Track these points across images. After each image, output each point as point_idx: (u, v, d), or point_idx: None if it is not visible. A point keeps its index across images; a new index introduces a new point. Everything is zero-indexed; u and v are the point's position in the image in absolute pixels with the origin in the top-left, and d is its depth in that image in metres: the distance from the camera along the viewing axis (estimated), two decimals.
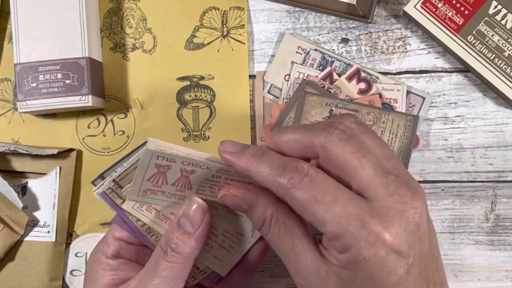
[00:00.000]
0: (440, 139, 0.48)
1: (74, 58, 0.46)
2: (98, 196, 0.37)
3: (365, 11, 0.47)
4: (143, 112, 0.49)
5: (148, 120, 0.49)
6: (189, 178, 0.35)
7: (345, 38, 0.49)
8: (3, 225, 0.45)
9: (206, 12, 0.49)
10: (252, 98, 0.49)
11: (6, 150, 0.45)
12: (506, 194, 0.47)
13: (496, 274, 0.47)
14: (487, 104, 0.48)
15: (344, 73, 0.47)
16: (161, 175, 0.35)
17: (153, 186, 0.35)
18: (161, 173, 0.35)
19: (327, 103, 0.45)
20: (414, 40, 0.48)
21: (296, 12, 0.49)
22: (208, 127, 0.49)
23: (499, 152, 0.47)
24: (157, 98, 0.49)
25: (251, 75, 0.49)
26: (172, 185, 0.36)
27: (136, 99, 0.49)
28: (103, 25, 0.50)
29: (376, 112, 0.45)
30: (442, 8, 0.46)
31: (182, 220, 0.35)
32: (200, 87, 0.49)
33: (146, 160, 0.33)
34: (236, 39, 0.49)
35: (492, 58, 0.45)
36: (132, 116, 0.49)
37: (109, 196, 0.37)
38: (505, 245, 0.47)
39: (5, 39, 0.50)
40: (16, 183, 0.48)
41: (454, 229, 0.47)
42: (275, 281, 0.47)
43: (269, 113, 0.48)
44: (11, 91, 0.49)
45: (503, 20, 0.45)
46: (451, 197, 0.47)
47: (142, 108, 0.49)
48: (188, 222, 0.35)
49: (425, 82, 0.48)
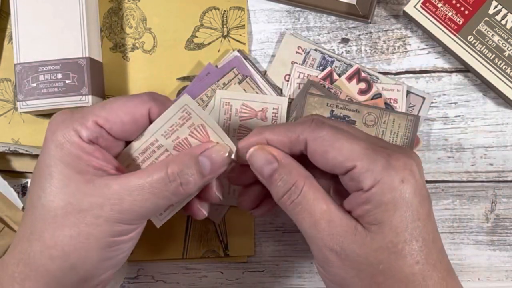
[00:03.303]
0: (440, 139, 0.48)
1: (74, 58, 0.46)
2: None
3: (365, 11, 0.47)
4: None
5: None
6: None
7: (345, 38, 0.49)
8: (3, 225, 0.45)
9: (206, 12, 0.49)
10: None
11: (6, 150, 0.45)
12: (506, 194, 0.47)
13: (496, 274, 0.47)
14: (487, 104, 0.48)
15: (344, 73, 0.47)
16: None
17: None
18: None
19: (328, 104, 0.45)
20: (414, 40, 0.48)
21: (296, 12, 0.49)
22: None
23: (499, 152, 0.47)
24: None
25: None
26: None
27: None
28: (103, 25, 0.50)
29: (377, 112, 0.45)
30: (442, 8, 0.46)
31: (203, 160, 0.35)
32: None
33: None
34: (236, 39, 0.49)
35: (492, 58, 0.45)
36: None
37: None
38: (505, 245, 0.47)
39: (5, 39, 0.50)
40: (16, 183, 0.48)
41: (454, 229, 0.47)
42: (275, 281, 0.47)
43: None
44: (11, 91, 0.49)
45: (503, 20, 0.45)
46: (451, 197, 0.47)
47: None
48: (209, 165, 0.35)
49: (425, 82, 0.48)
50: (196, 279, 0.48)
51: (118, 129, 0.35)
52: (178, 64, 0.49)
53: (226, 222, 0.47)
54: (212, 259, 0.47)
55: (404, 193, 0.32)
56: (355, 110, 0.45)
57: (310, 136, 0.34)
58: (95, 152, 0.34)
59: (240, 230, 0.47)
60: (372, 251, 0.32)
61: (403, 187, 0.32)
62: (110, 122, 0.35)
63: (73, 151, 0.34)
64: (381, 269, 0.32)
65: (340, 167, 0.33)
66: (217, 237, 0.47)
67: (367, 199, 0.32)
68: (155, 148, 0.37)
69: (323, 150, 0.33)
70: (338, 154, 0.33)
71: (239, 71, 0.47)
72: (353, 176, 0.33)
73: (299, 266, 0.47)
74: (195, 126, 0.36)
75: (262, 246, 0.47)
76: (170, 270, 0.48)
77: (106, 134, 0.35)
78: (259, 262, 0.47)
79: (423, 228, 0.32)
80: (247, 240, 0.47)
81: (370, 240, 0.32)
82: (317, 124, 0.34)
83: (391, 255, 0.32)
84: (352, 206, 0.33)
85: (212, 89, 0.47)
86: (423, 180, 0.33)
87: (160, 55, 0.49)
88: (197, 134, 0.36)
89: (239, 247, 0.47)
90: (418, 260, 0.32)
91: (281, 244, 0.47)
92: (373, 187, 0.32)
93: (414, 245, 0.32)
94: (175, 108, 0.36)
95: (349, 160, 0.33)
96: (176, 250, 0.47)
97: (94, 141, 0.35)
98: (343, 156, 0.33)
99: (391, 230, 0.32)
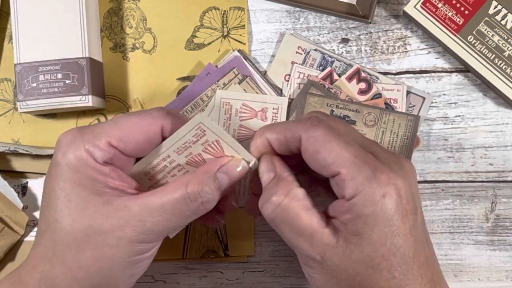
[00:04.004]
0: (440, 139, 0.48)
1: (74, 58, 0.46)
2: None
3: (365, 11, 0.47)
4: None
5: None
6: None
7: (345, 38, 0.49)
8: (3, 225, 0.45)
9: (206, 12, 0.49)
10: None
11: (6, 150, 0.45)
12: (506, 194, 0.47)
13: (496, 274, 0.47)
14: (487, 104, 0.48)
15: (344, 73, 0.47)
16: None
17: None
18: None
19: (328, 104, 0.45)
20: (414, 40, 0.48)
21: (296, 12, 0.49)
22: None
23: (499, 152, 0.47)
24: (157, 98, 0.49)
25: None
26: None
27: (136, 99, 0.49)
28: (103, 25, 0.50)
29: (377, 112, 0.45)
30: (442, 8, 0.46)
31: (221, 176, 0.35)
32: None
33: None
34: (237, 39, 0.49)
35: (492, 58, 0.45)
36: None
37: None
38: (505, 245, 0.47)
39: (5, 39, 0.50)
40: (16, 183, 0.48)
41: (454, 229, 0.47)
42: (275, 281, 0.47)
43: None
44: (11, 91, 0.49)
45: (503, 20, 0.45)
46: (451, 197, 0.47)
47: (142, 108, 0.49)
48: (227, 181, 0.35)
49: (425, 82, 0.48)
50: (196, 279, 0.48)
51: (132, 148, 0.35)
52: (178, 64, 0.49)
53: (226, 222, 0.47)
54: (212, 259, 0.47)
55: (384, 208, 0.31)
56: (355, 110, 0.45)
57: (304, 134, 0.34)
58: (110, 173, 0.34)
59: (240, 230, 0.47)
60: (351, 263, 0.32)
61: (384, 202, 0.31)
62: (124, 142, 0.35)
63: (88, 173, 0.33)
64: (358, 281, 0.32)
65: (328, 170, 0.33)
66: (217, 237, 0.47)
67: (348, 208, 0.32)
68: (167, 163, 0.37)
69: (314, 150, 0.33)
70: (328, 156, 0.33)
71: (239, 71, 0.47)
72: (338, 182, 0.33)
73: (299, 266, 0.47)
74: (209, 143, 0.36)
75: (262, 246, 0.47)
76: (170, 270, 0.48)
77: (120, 154, 0.35)
78: (259, 262, 0.47)
79: (403, 244, 0.32)
80: (247, 240, 0.47)
81: (350, 253, 0.32)
82: (312, 123, 0.34)
83: (368, 268, 0.32)
84: (335, 212, 0.33)
85: (212, 89, 0.47)
86: (411, 194, 0.32)
87: (160, 55, 0.49)
88: (211, 149, 0.36)
89: (239, 247, 0.47)
90: (395, 275, 0.31)
91: (281, 244, 0.47)
92: (354, 197, 0.32)
93: (392, 260, 0.31)
94: (190, 126, 0.35)
95: (335, 164, 0.32)
96: (176, 250, 0.47)
97: (108, 161, 0.35)
98: (331, 159, 0.33)
99: (369, 244, 0.31)
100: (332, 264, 0.32)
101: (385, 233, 0.31)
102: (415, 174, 0.34)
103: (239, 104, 0.46)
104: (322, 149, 0.33)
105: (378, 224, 0.31)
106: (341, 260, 0.32)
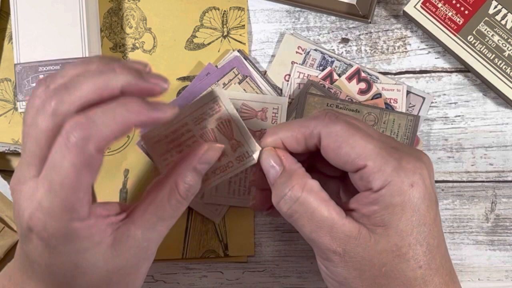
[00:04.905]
0: (440, 139, 0.48)
1: (74, 58, 0.46)
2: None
3: (365, 11, 0.47)
4: None
5: None
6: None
7: (345, 38, 0.49)
8: (3, 225, 0.45)
9: (206, 12, 0.49)
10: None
11: (6, 150, 0.45)
12: (506, 194, 0.47)
13: (496, 274, 0.47)
14: (487, 104, 0.48)
15: (344, 73, 0.47)
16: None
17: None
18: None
19: (328, 104, 0.45)
20: (414, 40, 0.48)
21: (296, 12, 0.49)
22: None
23: (499, 152, 0.47)
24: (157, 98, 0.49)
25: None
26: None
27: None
28: (103, 25, 0.50)
29: (377, 112, 0.45)
30: (442, 8, 0.46)
31: (202, 167, 0.35)
32: None
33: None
34: (236, 39, 0.49)
35: (492, 58, 0.45)
36: None
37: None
38: (505, 245, 0.47)
39: (5, 39, 0.50)
40: None
41: (454, 229, 0.47)
42: (275, 281, 0.47)
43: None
44: (11, 91, 0.49)
45: (503, 20, 0.45)
46: (451, 197, 0.47)
47: None
48: (206, 168, 0.36)
49: (425, 82, 0.48)
50: (196, 279, 0.48)
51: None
52: (178, 64, 0.49)
53: (226, 222, 0.47)
54: (212, 259, 0.47)
55: (412, 197, 0.32)
56: (355, 110, 0.45)
57: (323, 130, 0.34)
58: (98, 224, 0.31)
59: (240, 230, 0.47)
60: (376, 253, 0.32)
61: (412, 191, 0.32)
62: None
63: (84, 243, 0.31)
64: (384, 271, 0.32)
65: (352, 164, 0.33)
66: (217, 237, 0.47)
67: (376, 200, 0.32)
68: (185, 131, 0.38)
69: (336, 146, 0.33)
70: (351, 150, 0.33)
71: (239, 71, 0.47)
72: (363, 175, 0.33)
73: (299, 266, 0.47)
74: (222, 120, 0.37)
75: (262, 246, 0.47)
76: (170, 270, 0.48)
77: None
78: (259, 262, 0.47)
79: (428, 233, 0.32)
80: (247, 240, 0.47)
81: (374, 243, 0.32)
82: (331, 118, 0.34)
83: (395, 258, 0.32)
84: (359, 205, 0.33)
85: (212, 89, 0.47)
86: (432, 184, 0.33)
87: (160, 55, 0.49)
88: (222, 127, 0.37)
89: (239, 247, 0.47)
90: (421, 264, 0.32)
91: (281, 244, 0.47)
92: (383, 189, 0.32)
93: (418, 249, 0.32)
94: (207, 97, 0.37)
95: (361, 158, 0.32)
96: (176, 250, 0.47)
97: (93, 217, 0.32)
98: (356, 154, 0.32)
99: (396, 234, 0.32)
100: (355, 255, 0.32)
101: (412, 222, 0.32)
102: (432, 165, 0.34)
103: (239, 104, 0.46)
104: (344, 144, 0.33)
105: (406, 213, 0.31)
106: (366, 251, 0.32)
